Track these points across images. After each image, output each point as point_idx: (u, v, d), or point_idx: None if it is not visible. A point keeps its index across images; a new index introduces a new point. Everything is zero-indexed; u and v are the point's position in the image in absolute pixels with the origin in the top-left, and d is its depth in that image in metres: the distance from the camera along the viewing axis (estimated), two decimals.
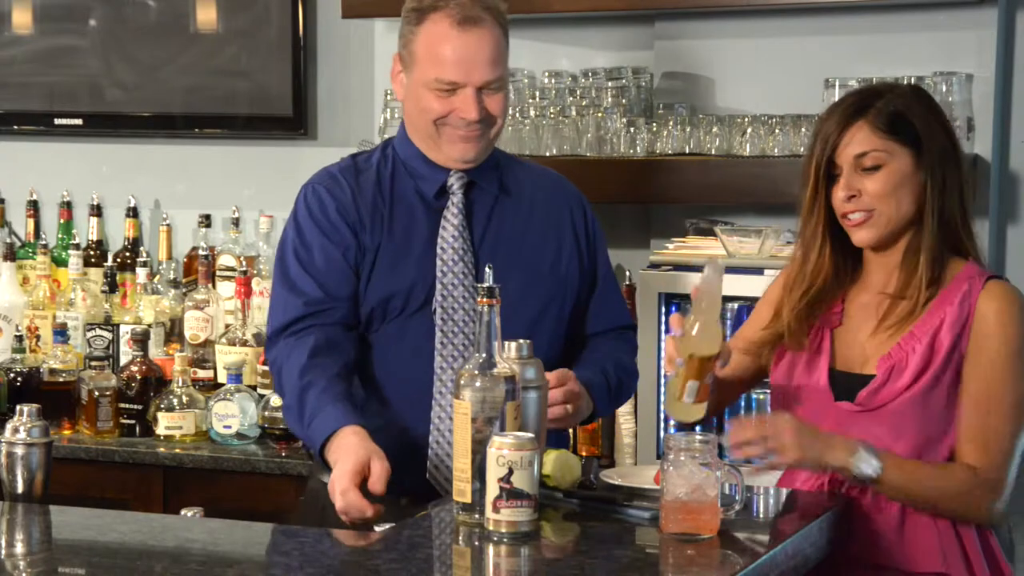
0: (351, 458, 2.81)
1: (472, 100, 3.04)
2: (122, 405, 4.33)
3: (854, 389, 2.89)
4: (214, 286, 4.57)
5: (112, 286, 4.60)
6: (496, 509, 2.49)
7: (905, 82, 3.81)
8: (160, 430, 4.28)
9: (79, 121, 4.91)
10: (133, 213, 4.83)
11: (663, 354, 3.85)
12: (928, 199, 2.85)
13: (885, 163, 2.85)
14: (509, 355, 2.68)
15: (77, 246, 4.74)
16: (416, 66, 3.09)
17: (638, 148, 4.11)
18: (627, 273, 4.18)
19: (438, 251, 3.10)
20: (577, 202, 3.24)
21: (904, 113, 2.86)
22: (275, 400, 4.11)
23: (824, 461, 2.79)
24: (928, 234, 2.86)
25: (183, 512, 2.83)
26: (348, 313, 3.10)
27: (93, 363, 4.43)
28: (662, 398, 3.68)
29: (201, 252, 4.56)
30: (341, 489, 2.77)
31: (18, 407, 2.87)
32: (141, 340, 4.37)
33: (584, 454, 3.98)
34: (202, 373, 4.45)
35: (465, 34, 3.04)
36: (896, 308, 2.89)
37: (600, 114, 4.15)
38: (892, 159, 2.85)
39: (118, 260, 4.75)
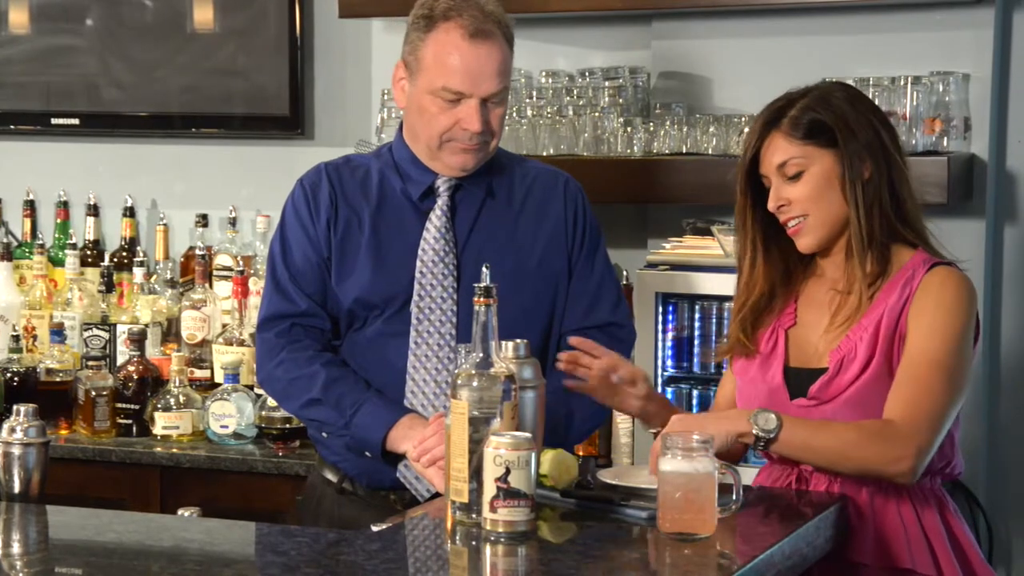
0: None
1: (476, 112, 3.08)
2: (119, 405, 4.32)
3: (808, 384, 2.91)
4: (211, 286, 4.56)
5: (109, 286, 4.59)
6: (493, 509, 2.49)
7: (902, 82, 3.83)
8: (157, 430, 4.28)
9: (76, 121, 4.91)
10: (130, 213, 4.83)
11: (659, 354, 3.88)
12: (849, 195, 2.88)
13: (806, 168, 2.89)
14: (506, 355, 2.68)
15: (74, 246, 4.74)
16: (422, 73, 3.11)
17: (635, 148, 4.10)
18: (624, 273, 4.18)
19: (419, 252, 3.15)
20: (572, 199, 3.26)
21: (817, 116, 2.89)
22: (272, 400, 4.11)
23: (722, 430, 2.76)
24: (854, 228, 2.89)
25: (180, 512, 2.83)
26: (327, 320, 3.20)
27: (90, 363, 4.42)
28: None
29: (198, 252, 4.55)
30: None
31: (15, 407, 2.88)
32: (138, 340, 4.37)
33: (581, 454, 3.97)
34: (199, 373, 4.45)
35: (476, 46, 3.07)
36: (846, 303, 2.92)
37: (597, 114, 4.15)
38: (812, 163, 2.89)
39: (115, 260, 4.74)
